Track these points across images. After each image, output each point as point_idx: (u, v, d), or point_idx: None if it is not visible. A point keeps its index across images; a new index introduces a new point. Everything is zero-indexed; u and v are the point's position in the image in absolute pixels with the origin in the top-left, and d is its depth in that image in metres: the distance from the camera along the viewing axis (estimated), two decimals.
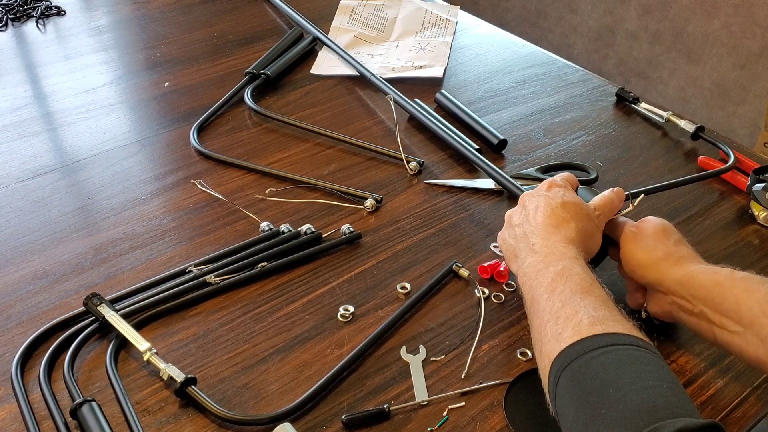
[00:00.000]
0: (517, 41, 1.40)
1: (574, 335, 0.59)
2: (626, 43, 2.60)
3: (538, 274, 0.68)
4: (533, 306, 0.67)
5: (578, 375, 0.56)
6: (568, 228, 0.72)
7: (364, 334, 0.77)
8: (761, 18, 2.19)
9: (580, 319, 0.60)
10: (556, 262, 0.67)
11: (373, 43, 1.37)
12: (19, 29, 1.46)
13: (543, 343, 0.62)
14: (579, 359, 0.57)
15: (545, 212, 0.74)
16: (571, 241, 0.71)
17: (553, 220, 0.73)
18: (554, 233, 0.72)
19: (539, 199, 0.76)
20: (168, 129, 1.12)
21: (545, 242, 0.71)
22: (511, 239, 0.77)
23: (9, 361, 0.73)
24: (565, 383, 0.57)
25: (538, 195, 0.77)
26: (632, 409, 0.52)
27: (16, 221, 0.94)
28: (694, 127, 1.06)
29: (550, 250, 0.70)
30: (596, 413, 0.53)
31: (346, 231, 0.90)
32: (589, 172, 1.00)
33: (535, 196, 0.78)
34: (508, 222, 0.79)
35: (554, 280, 0.65)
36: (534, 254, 0.71)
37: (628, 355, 0.57)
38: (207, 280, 0.82)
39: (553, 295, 0.64)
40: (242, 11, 1.50)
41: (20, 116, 1.16)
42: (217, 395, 0.70)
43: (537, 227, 0.73)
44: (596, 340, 0.58)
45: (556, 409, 0.59)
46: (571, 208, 0.74)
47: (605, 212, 0.77)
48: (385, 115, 1.15)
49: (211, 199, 0.97)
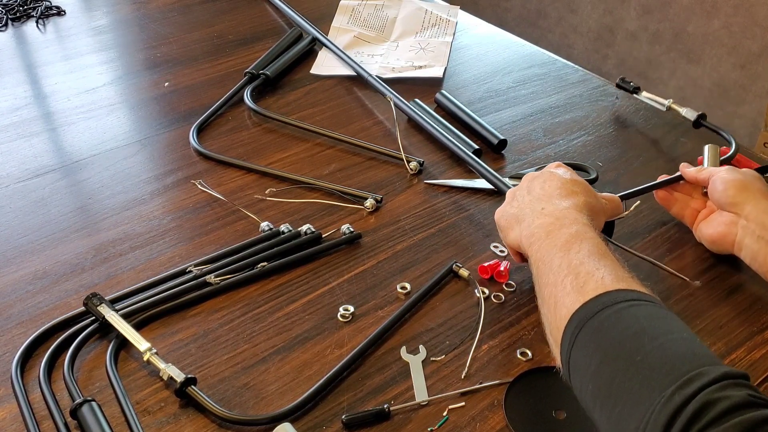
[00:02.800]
0: (517, 41, 1.40)
1: (598, 288, 0.58)
2: (626, 43, 2.60)
3: (550, 234, 0.67)
4: (545, 264, 0.65)
5: (607, 325, 0.55)
6: (578, 199, 0.72)
7: (364, 334, 0.77)
8: (761, 18, 2.19)
9: (602, 276, 0.59)
10: (570, 225, 0.67)
11: (373, 43, 1.36)
12: (19, 29, 1.46)
13: (559, 297, 0.60)
14: (606, 310, 0.56)
15: (555, 184, 0.74)
16: (582, 210, 0.70)
17: (563, 191, 0.73)
18: (565, 200, 0.71)
19: (547, 175, 0.77)
20: (168, 129, 1.12)
21: (556, 207, 0.70)
22: (514, 209, 0.76)
23: (9, 361, 0.73)
24: (588, 333, 0.56)
25: (544, 172, 0.78)
26: (672, 355, 0.51)
27: (16, 221, 0.94)
28: (696, 114, 1.07)
29: (562, 215, 0.69)
30: (630, 360, 0.52)
31: (346, 231, 0.90)
32: (589, 172, 1.00)
33: (541, 173, 0.78)
34: (509, 198, 0.79)
35: (569, 241, 0.64)
36: (544, 217, 0.70)
37: (656, 310, 0.56)
38: (207, 280, 0.82)
39: (569, 253, 0.63)
40: (242, 11, 1.50)
41: (20, 116, 1.16)
42: (217, 395, 0.70)
43: (546, 195, 0.73)
44: (622, 294, 0.57)
45: (569, 364, 0.57)
46: (581, 185, 0.75)
47: (611, 205, 0.79)
48: (385, 115, 1.15)
49: (211, 199, 0.97)
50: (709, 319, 0.79)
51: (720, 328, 0.78)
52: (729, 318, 0.79)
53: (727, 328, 0.78)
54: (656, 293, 0.80)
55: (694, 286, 0.82)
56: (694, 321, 0.79)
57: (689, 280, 0.82)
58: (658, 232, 0.91)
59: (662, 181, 0.90)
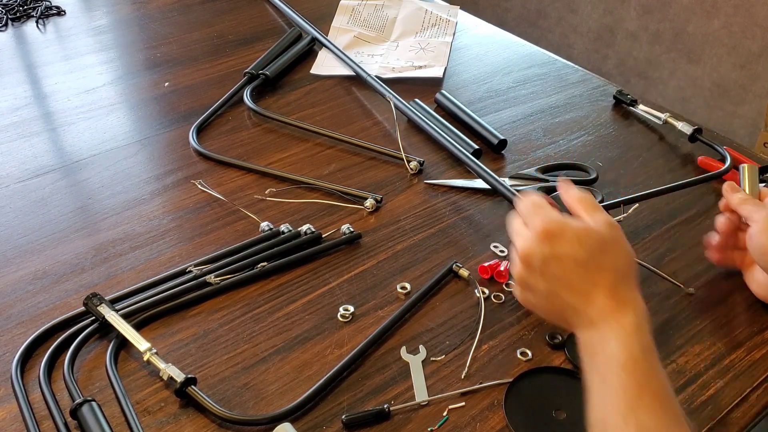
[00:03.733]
0: (517, 41, 1.40)
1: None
2: (626, 43, 2.60)
3: (595, 356, 0.61)
4: (595, 385, 0.60)
5: None
6: (603, 277, 0.62)
7: (364, 334, 0.77)
8: (761, 18, 2.19)
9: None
10: (610, 343, 0.60)
11: (373, 43, 1.37)
12: (19, 29, 1.46)
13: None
14: None
15: (569, 276, 0.63)
16: (614, 296, 0.62)
17: (582, 279, 0.63)
18: (594, 293, 0.62)
19: (550, 263, 0.64)
20: (168, 129, 1.12)
21: (591, 310, 0.62)
22: (544, 301, 0.66)
23: (9, 361, 0.73)
24: None
25: (543, 256, 0.64)
26: None
27: (16, 221, 0.94)
28: (692, 129, 1.06)
29: (602, 323, 0.61)
30: None
31: (346, 231, 0.90)
32: (589, 172, 1.00)
33: (539, 256, 0.64)
34: (523, 284, 0.67)
35: (610, 371, 0.59)
36: (585, 329, 0.62)
37: None
38: (207, 280, 0.82)
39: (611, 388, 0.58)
40: (242, 11, 1.50)
41: (20, 116, 1.16)
42: (217, 395, 0.70)
43: (573, 293, 0.63)
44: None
45: None
46: (588, 248, 0.63)
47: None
48: (385, 115, 1.15)
49: (211, 199, 0.97)
50: (709, 319, 0.79)
51: (720, 329, 0.78)
52: (729, 318, 0.79)
53: (727, 329, 0.78)
54: (655, 295, 0.81)
55: (689, 292, 0.82)
56: (693, 321, 0.79)
57: (683, 286, 0.82)
58: (658, 232, 0.91)
59: (669, 186, 0.90)
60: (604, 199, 0.94)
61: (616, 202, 0.91)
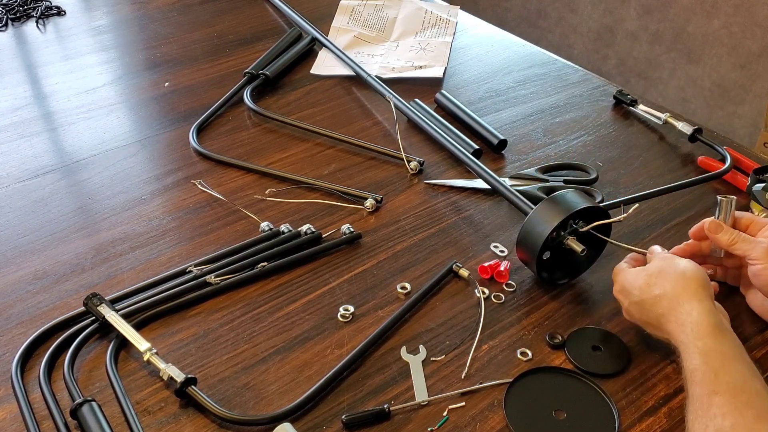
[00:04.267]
0: (517, 41, 1.40)
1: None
2: (626, 43, 2.60)
3: (700, 384, 0.64)
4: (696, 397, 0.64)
5: None
6: (661, 306, 0.70)
7: (364, 334, 0.77)
8: (761, 18, 2.19)
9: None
10: (683, 361, 0.66)
11: (373, 43, 1.37)
12: (19, 29, 1.46)
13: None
14: None
15: (642, 317, 0.73)
16: (676, 320, 0.68)
17: (648, 315, 0.71)
18: (664, 325, 0.70)
19: (629, 311, 0.74)
20: (168, 129, 1.12)
21: (670, 340, 0.69)
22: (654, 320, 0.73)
23: (9, 361, 0.73)
24: None
25: (625, 309, 0.75)
26: None
27: (16, 221, 0.94)
28: (692, 129, 1.06)
29: (677, 348, 0.68)
30: None
31: (346, 231, 0.90)
32: (589, 172, 0.99)
33: (624, 310, 0.75)
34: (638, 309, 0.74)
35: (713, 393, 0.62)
36: (691, 359, 0.66)
37: None
38: (207, 280, 0.82)
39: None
40: (242, 11, 1.50)
41: (20, 116, 1.16)
42: (217, 395, 0.70)
43: (655, 329, 0.72)
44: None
45: None
46: (637, 287, 0.72)
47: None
48: (385, 115, 1.15)
49: (211, 199, 0.97)
50: None
51: None
52: (738, 318, 0.78)
53: None
54: None
55: None
56: None
57: None
58: (658, 232, 0.91)
59: (669, 187, 0.90)
60: (604, 199, 0.94)
61: (616, 202, 0.91)
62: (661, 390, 0.71)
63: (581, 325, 0.78)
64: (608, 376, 0.72)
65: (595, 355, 0.74)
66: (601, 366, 0.73)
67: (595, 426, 0.68)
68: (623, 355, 0.74)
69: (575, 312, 0.80)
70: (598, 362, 0.73)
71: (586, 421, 0.68)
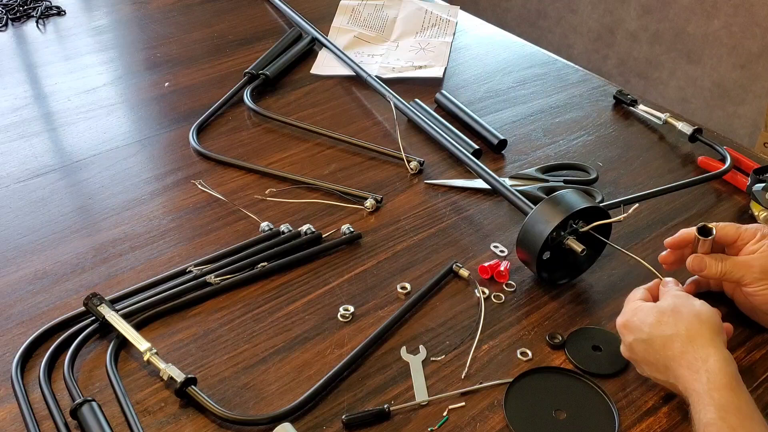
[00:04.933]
0: (517, 41, 1.40)
1: None
2: (626, 43, 2.60)
3: (695, 428, 0.63)
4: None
5: None
6: (671, 348, 0.66)
7: (364, 334, 0.77)
8: (761, 18, 2.19)
9: None
10: (697, 412, 0.63)
11: (373, 44, 1.36)
12: (19, 29, 1.46)
13: None
14: None
15: (646, 357, 0.68)
16: (687, 364, 0.65)
17: (655, 355, 0.67)
18: (672, 368, 0.66)
19: (632, 348, 0.70)
20: (168, 129, 1.12)
21: (680, 385, 0.66)
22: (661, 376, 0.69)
23: (9, 361, 0.73)
24: None
25: (627, 345, 0.71)
26: None
27: (16, 221, 0.94)
28: (692, 129, 1.06)
29: (688, 396, 0.64)
30: None
31: (346, 231, 0.90)
32: (589, 172, 0.99)
33: (626, 346, 0.71)
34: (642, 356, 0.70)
35: None
36: (706, 411, 0.63)
37: None
38: (207, 280, 0.82)
39: None
40: (242, 11, 1.50)
41: (20, 116, 1.16)
42: (217, 395, 0.70)
43: (658, 372, 0.68)
44: None
45: None
46: (647, 325, 0.68)
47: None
48: (385, 115, 1.15)
49: (211, 199, 0.97)
50: None
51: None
52: (729, 319, 0.78)
53: None
54: None
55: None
56: None
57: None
58: (658, 232, 0.91)
59: (669, 187, 0.90)
60: (604, 199, 0.94)
61: (616, 202, 0.91)
62: (661, 390, 0.71)
63: (581, 325, 0.78)
64: (608, 376, 0.72)
65: (595, 355, 0.74)
66: (601, 366, 0.73)
67: (595, 426, 0.68)
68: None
69: (575, 312, 0.80)
70: (598, 362, 0.73)
71: (586, 421, 0.68)
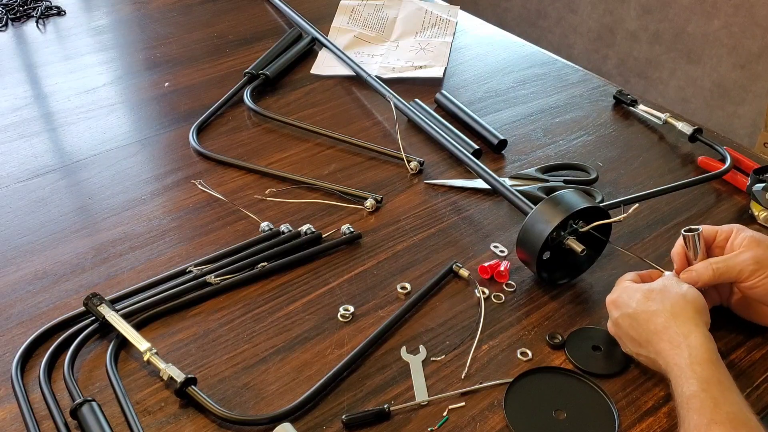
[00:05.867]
0: (517, 41, 1.40)
1: None
2: (626, 43, 2.60)
3: (675, 400, 0.65)
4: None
5: None
6: (654, 322, 0.68)
7: (364, 334, 0.77)
8: (761, 18, 2.19)
9: None
10: (676, 385, 0.65)
11: (373, 43, 1.36)
12: (19, 29, 1.46)
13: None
14: None
15: (630, 331, 0.71)
16: (669, 338, 0.67)
17: (638, 329, 0.70)
18: (654, 341, 0.68)
19: (618, 323, 0.72)
20: (168, 129, 1.12)
21: (659, 359, 0.68)
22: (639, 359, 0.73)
23: (9, 361, 0.73)
24: None
25: (613, 321, 0.73)
26: None
27: (16, 221, 0.94)
28: (692, 129, 1.06)
29: (668, 368, 0.66)
30: None
31: (346, 231, 0.90)
32: (589, 172, 0.99)
33: (612, 322, 0.74)
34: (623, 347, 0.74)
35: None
36: (667, 377, 0.67)
37: None
38: (207, 280, 0.82)
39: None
40: (242, 11, 1.50)
41: (20, 116, 1.16)
42: (217, 395, 0.70)
43: (640, 346, 0.70)
44: None
45: None
46: (635, 300, 0.71)
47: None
48: (385, 115, 1.15)
49: (211, 199, 0.97)
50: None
51: (720, 329, 0.78)
52: (729, 318, 0.78)
53: (727, 329, 0.77)
54: None
55: None
56: None
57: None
58: (658, 232, 0.91)
59: (669, 187, 0.90)
60: (604, 199, 0.94)
61: (616, 202, 0.91)
62: (661, 390, 0.71)
63: (581, 325, 0.78)
64: (608, 376, 0.72)
65: (595, 355, 0.74)
66: (601, 366, 0.73)
67: (595, 426, 0.68)
68: (623, 355, 0.74)
69: (575, 312, 0.80)
70: (598, 362, 0.73)
71: (586, 421, 0.68)
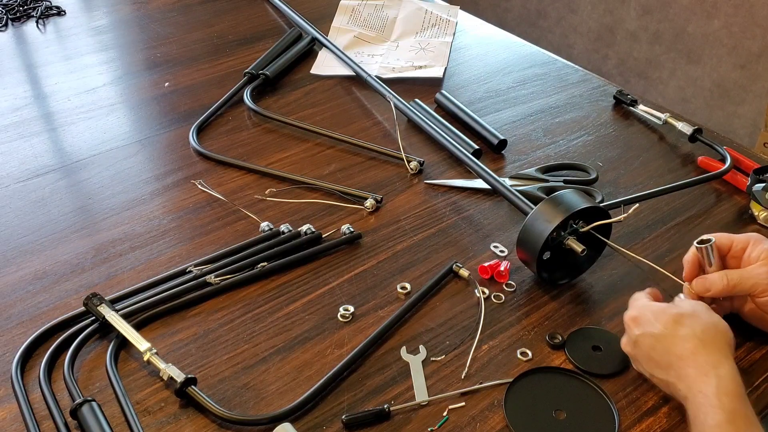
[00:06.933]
0: (517, 41, 1.40)
1: None
2: (626, 43, 2.60)
3: (694, 428, 0.64)
4: None
5: None
6: (682, 347, 0.66)
7: (364, 334, 0.77)
8: (761, 18, 2.19)
9: None
10: (699, 413, 0.63)
11: (373, 43, 1.36)
12: (19, 29, 1.46)
13: None
14: None
15: (651, 353, 0.68)
16: (696, 365, 0.65)
17: (662, 352, 0.67)
18: (678, 365, 0.66)
19: (638, 342, 0.70)
20: (168, 129, 1.12)
21: (681, 385, 0.66)
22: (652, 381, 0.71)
23: (9, 361, 0.73)
24: None
25: (633, 339, 0.70)
26: None
27: (16, 221, 0.94)
28: (692, 129, 1.06)
29: (691, 395, 0.64)
30: None
31: (346, 231, 0.90)
32: (589, 172, 0.99)
33: (631, 339, 0.71)
34: (636, 365, 0.72)
35: None
36: (684, 402, 0.65)
37: None
38: (207, 280, 0.82)
39: None
40: (242, 11, 1.50)
41: (20, 116, 1.16)
42: (217, 395, 0.70)
43: (660, 369, 0.68)
44: None
45: None
46: (663, 322, 0.68)
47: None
48: (385, 115, 1.15)
49: (211, 199, 0.97)
50: None
51: None
52: (729, 318, 0.78)
53: None
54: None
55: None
56: None
57: (683, 282, 0.82)
58: (658, 232, 0.91)
59: (670, 187, 0.90)
60: (604, 199, 0.94)
61: (616, 202, 0.91)
62: (661, 390, 0.71)
63: (581, 325, 0.78)
64: (608, 376, 0.72)
65: (595, 355, 0.74)
66: (601, 366, 0.73)
67: (595, 426, 0.68)
68: (623, 355, 0.74)
69: (575, 312, 0.80)
70: (598, 362, 0.73)
71: (586, 421, 0.68)
